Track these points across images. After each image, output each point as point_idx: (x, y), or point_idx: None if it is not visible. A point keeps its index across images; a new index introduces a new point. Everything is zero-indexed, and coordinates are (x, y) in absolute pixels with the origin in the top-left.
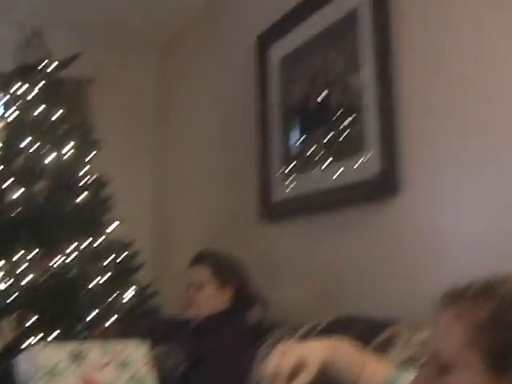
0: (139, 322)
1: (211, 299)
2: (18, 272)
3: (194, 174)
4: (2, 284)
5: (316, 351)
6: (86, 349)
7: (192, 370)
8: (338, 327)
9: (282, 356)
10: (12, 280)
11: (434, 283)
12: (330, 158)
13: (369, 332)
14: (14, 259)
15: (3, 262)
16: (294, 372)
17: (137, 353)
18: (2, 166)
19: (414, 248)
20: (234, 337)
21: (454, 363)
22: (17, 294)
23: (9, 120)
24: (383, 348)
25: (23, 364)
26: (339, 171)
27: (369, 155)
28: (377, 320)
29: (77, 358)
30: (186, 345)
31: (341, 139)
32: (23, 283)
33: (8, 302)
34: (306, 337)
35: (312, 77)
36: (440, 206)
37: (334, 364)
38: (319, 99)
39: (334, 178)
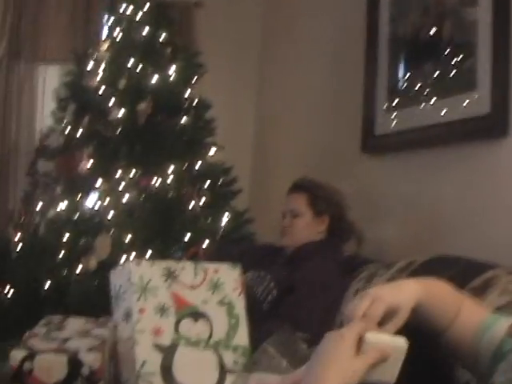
0: (233, 247)
1: (306, 228)
2: (116, 191)
3: (299, 102)
4: (100, 202)
5: (408, 295)
6: (179, 268)
7: (282, 298)
8: (433, 267)
9: (374, 301)
10: (110, 199)
11: None
12: (438, 94)
13: (466, 274)
14: (113, 178)
15: (102, 180)
16: (385, 316)
17: (228, 276)
18: (106, 86)
19: None
20: (326, 267)
21: None
22: (114, 212)
23: (115, 40)
24: (480, 292)
25: (116, 279)
26: (447, 108)
27: (479, 94)
28: (475, 262)
29: (169, 276)
30: (278, 272)
31: (451, 75)
32: (121, 202)
33: (105, 220)
34: (399, 274)
35: (424, 8)
36: None
37: (426, 307)
38: (431, 33)
39: (441, 114)
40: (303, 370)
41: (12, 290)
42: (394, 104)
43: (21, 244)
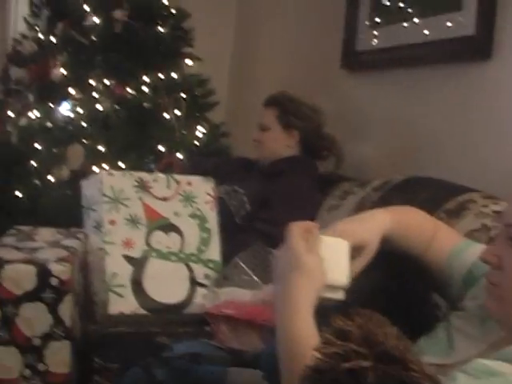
0: (208, 160)
1: (274, 142)
2: (90, 100)
3: (279, 14)
4: (73, 111)
5: (375, 228)
6: (152, 180)
7: (255, 213)
8: (408, 187)
9: (340, 236)
10: (83, 108)
11: None
12: (423, 13)
13: (441, 195)
14: (87, 87)
15: (76, 89)
16: (353, 251)
17: (201, 189)
18: None
19: (502, 118)
20: (300, 183)
21: None
22: (88, 122)
23: None
24: (454, 214)
25: (88, 189)
26: (431, 27)
27: (464, 14)
28: (451, 184)
29: (141, 187)
30: (251, 187)
31: None
32: (95, 111)
33: (78, 129)
34: (373, 193)
35: None
36: None
37: (398, 235)
38: None
39: (425, 33)
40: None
41: None
42: (376, 21)
43: None
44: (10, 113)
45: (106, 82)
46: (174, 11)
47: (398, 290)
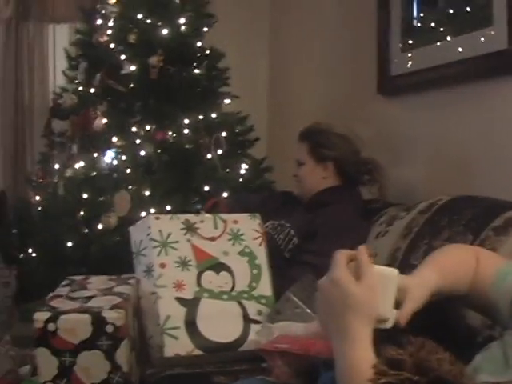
0: (253, 196)
1: (309, 176)
2: (132, 146)
3: (312, 47)
4: (116, 159)
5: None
6: (198, 221)
7: (303, 246)
8: (454, 206)
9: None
10: (126, 155)
11: None
12: (454, 31)
13: (487, 213)
14: (129, 134)
15: (117, 137)
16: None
17: (248, 226)
18: (116, 41)
19: None
20: (345, 212)
21: None
22: (131, 168)
23: None
24: (502, 231)
25: (136, 235)
26: (463, 45)
27: (496, 29)
28: (497, 201)
29: (189, 229)
30: (297, 220)
31: (466, 11)
32: (138, 157)
33: (123, 176)
34: (420, 216)
35: None
36: None
37: (445, 288)
38: None
39: (458, 51)
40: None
41: (35, 253)
42: (409, 43)
43: (41, 206)
44: (55, 165)
45: (147, 127)
46: (208, 52)
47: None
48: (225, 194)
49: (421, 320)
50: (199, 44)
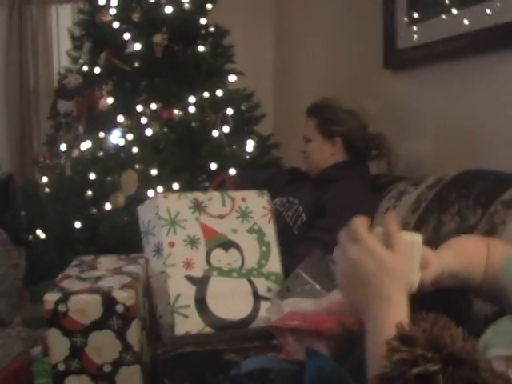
0: (260, 173)
1: (317, 152)
2: (138, 125)
3: (318, 22)
4: (123, 138)
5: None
6: (206, 199)
7: (312, 222)
8: (463, 180)
9: None
10: (133, 134)
11: None
12: (460, 4)
13: (497, 186)
14: (135, 113)
15: (124, 116)
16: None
17: (256, 204)
18: (120, 20)
19: None
20: (353, 187)
21: None
22: (138, 147)
23: None
24: (510, 205)
25: (144, 214)
26: (469, 17)
27: (501, 1)
28: (506, 175)
29: (197, 207)
30: (306, 196)
31: None
32: (144, 136)
33: (130, 155)
34: (428, 191)
35: None
36: None
37: (459, 275)
38: None
39: (464, 24)
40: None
41: (44, 234)
42: (414, 16)
43: (48, 187)
44: (61, 146)
45: (153, 106)
46: (212, 29)
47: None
48: (232, 172)
49: (429, 304)
50: (203, 21)
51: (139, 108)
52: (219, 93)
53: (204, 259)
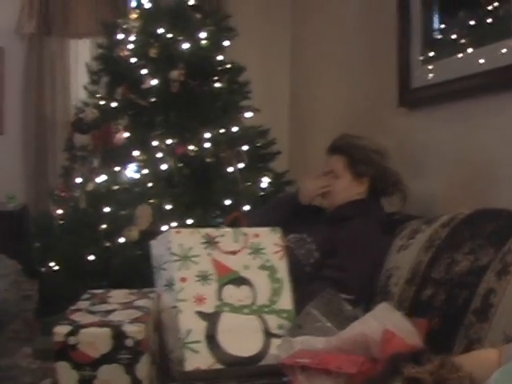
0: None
1: (345, 190)
2: (153, 160)
3: (333, 60)
4: (138, 173)
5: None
6: (219, 235)
7: (324, 260)
8: (476, 219)
9: None
10: (148, 168)
11: None
12: (475, 43)
13: (509, 225)
14: (150, 148)
15: (139, 150)
16: None
17: (269, 240)
18: (138, 55)
19: None
20: (368, 227)
21: None
22: (153, 182)
23: (143, 9)
24: None
25: (157, 249)
26: (484, 56)
27: None
28: None
29: (209, 243)
30: (319, 234)
31: (487, 23)
32: (159, 171)
33: (145, 190)
34: (441, 229)
35: None
36: None
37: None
38: None
39: (479, 63)
40: None
41: (56, 266)
42: (429, 55)
43: (62, 219)
44: (77, 179)
45: (168, 141)
46: (229, 66)
47: None
48: (246, 208)
49: None
50: (220, 58)
51: (154, 143)
52: (234, 129)
53: (215, 295)
